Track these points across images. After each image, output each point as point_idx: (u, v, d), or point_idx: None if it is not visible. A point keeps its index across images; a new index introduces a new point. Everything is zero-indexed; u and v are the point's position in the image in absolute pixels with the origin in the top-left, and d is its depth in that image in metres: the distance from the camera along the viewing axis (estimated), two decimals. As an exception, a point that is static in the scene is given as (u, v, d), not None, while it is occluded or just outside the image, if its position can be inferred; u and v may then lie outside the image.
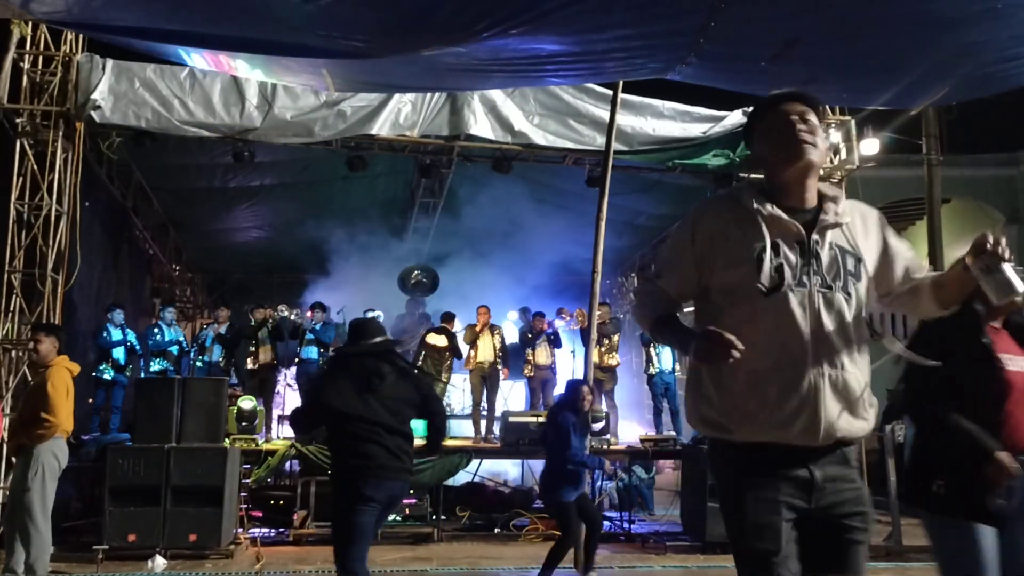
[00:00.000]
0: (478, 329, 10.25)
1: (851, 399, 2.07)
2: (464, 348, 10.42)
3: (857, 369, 2.09)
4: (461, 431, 10.43)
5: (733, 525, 2.12)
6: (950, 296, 2.20)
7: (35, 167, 8.12)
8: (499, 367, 10.24)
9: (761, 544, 2.03)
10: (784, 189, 2.16)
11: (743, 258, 2.09)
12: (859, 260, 2.14)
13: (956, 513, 2.65)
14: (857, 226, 2.19)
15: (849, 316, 2.09)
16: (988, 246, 2.00)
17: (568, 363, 11.11)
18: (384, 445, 3.84)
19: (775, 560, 2.01)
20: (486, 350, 10.14)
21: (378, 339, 4.10)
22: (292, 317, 10.20)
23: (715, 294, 2.16)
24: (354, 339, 4.16)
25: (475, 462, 8.93)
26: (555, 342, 10.58)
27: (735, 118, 9.41)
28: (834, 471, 2.08)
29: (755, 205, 2.13)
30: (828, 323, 2.06)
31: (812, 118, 2.13)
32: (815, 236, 2.11)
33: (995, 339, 2.77)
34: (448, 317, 10.59)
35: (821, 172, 7.22)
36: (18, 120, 8.11)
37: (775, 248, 2.09)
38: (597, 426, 9.01)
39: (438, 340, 10.33)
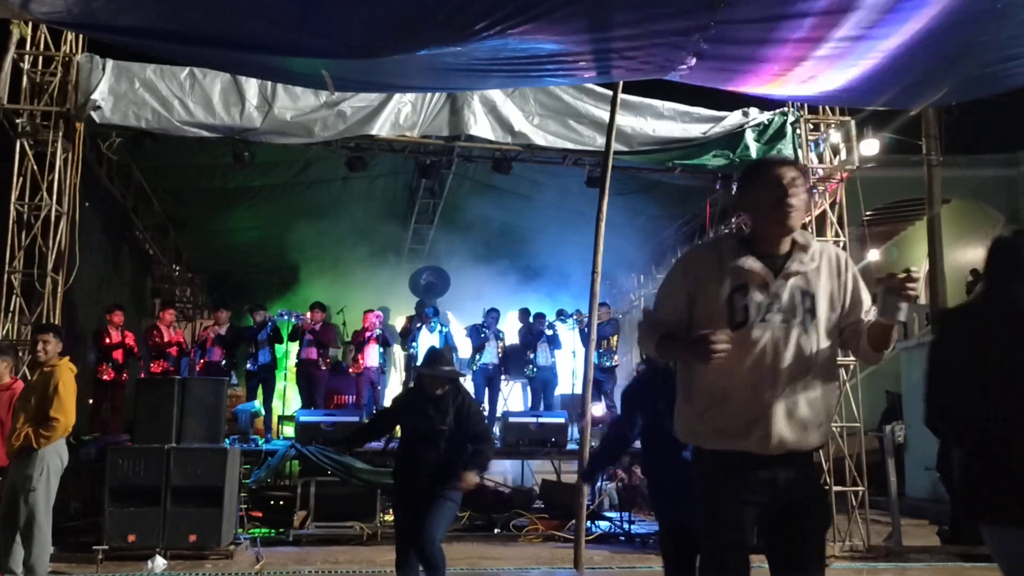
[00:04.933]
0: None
1: (803, 419, 2.49)
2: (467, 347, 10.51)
3: (815, 393, 2.52)
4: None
5: (704, 517, 2.56)
6: (878, 338, 2.53)
7: (35, 167, 8.12)
8: (501, 369, 10.33)
9: (726, 533, 2.48)
10: (764, 239, 2.59)
11: (718, 296, 2.54)
12: (815, 301, 2.54)
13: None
14: (823, 269, 2.58)
15: (809, 349, 2.51)
16: (900, 275, 2.38)
17: (568, 364, 11.11)
18: None
19: (735, 544, 2.48)
20: (490, 352, 10.21)
21: None
22: (292, 320, 10.21)
23: (695, 326, 2.57)
24: None
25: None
26: (554, 343, 10.60)
27: (735, 118, 9.41)
28: (792, 473, 2.52)
29: (731, 255, 2.56)
30: (786, 353, 2.49)
31: (800, 183, 2.53)
32: (779, 280, 2.53)
33: None
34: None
35: (820, 173, 7.24)
36: (18, 120, 8.10)
37: (743, 290, 2.52)
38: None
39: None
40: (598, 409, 9.73)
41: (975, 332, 2.54)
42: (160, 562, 6.58)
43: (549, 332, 10.60)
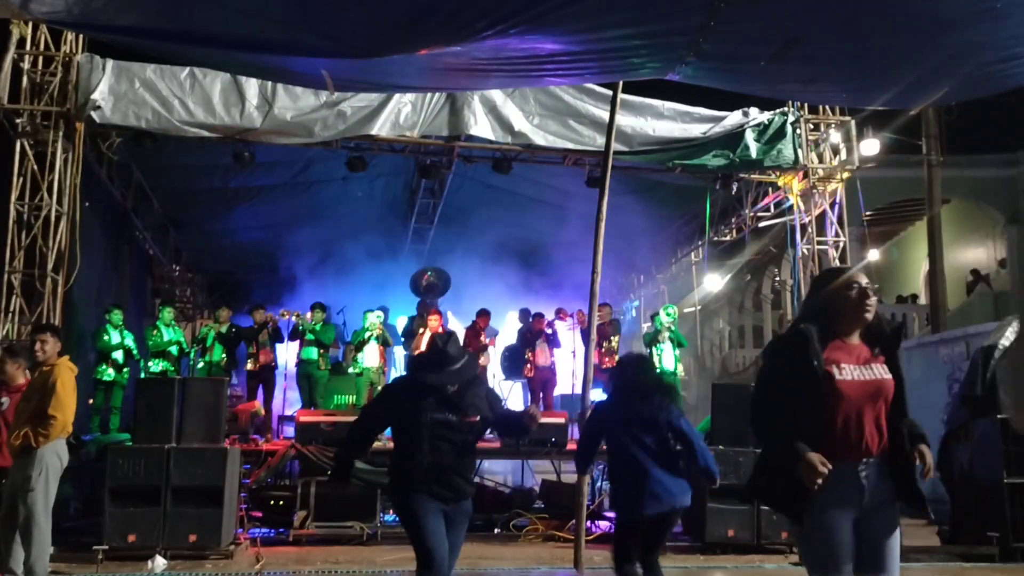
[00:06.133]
0: (482, 337, 10.36)
1: None
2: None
3: None
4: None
5: None
6: None
7: (35, 167, 8.12)
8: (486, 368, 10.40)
9: None
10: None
11: None
12: None
13: (791, 509, 2.92)
14: None
15: None
16: None
17: (568, 363, 11.11)
18: None
19: None
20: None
21: None
22: (292, 319, 10.21)
23: None
24: None
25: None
26: (553, 343, 10.60)
27: (735, 118, 9.40)
28: None
29: None
30: None
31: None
32: None
33: (840, 351, 2.89)
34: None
35: (820, 173, 7.24)
36: (18, 120, 8.11)
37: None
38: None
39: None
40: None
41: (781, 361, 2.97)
42: (160, 562, 6.58)
43: (548, 332, 10.60)
